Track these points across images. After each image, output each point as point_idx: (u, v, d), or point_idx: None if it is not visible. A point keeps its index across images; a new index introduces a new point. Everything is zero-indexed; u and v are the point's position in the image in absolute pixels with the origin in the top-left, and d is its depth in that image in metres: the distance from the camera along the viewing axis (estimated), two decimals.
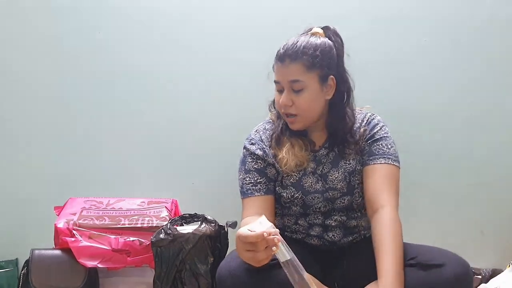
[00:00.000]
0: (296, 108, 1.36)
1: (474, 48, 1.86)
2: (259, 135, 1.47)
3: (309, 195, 1.42)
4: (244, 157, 1.46)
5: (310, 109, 1.37)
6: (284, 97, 1.36)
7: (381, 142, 1.40)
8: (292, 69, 1.34)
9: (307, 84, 1.34)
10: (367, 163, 1.39)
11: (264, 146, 1.44)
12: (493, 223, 1.93)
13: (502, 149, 1.90)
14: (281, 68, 1.36)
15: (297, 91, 1.35)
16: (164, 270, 1.41)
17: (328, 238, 1.44)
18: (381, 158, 1.37)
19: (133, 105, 1.88)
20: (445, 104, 1.88)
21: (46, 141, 1.89)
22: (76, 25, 1.85)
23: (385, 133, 1.42)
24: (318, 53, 1.34)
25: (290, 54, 1.35)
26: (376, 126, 1.43)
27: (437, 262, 1.21)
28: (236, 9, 1.84)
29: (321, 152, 1.44)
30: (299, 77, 1.34)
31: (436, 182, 1.91)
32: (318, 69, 1.35)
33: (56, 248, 1.52)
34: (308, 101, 1.36)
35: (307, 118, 1.39)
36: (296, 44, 1.35)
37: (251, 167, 1.43)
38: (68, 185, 1.87)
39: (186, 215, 1.52)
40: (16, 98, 1.87)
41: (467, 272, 1.22)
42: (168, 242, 1.41)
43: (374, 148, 1.39)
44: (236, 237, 1.14)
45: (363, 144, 1.42)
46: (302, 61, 1.34)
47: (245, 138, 1.49)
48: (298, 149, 1.40)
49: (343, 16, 1.81)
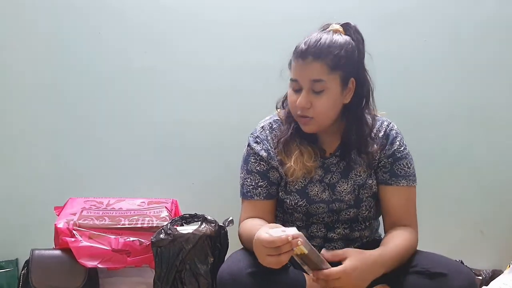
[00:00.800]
0: (313, 110, 1.27)
1: (474, 48, 1.86)
2: (265, 134, 1.39)
3: (313, 204, 1.37)
4: (247, 156, 1.40)
5: (328, 113, 1.29)
6: (303, 98, 1.26)
7: (402, 161, 1.36)
8: (314, 68, 1.25)
9: (329, 85, 1.26)
10: (388, 183, 1.36)
11: (269, 147, 1.37)
12: (493, 223, 1.93)
13: (502, 149, 1.90)
14: (302, 66, 1.26)
15: (318, 92, 1.26)
16: (164, 270, 1.41)
17: (329, 249, 1.41)
18: (404, 180, 1.36)
19: (133, 105, 1.88)
20: (445, 104, 1.88)
21: (46, 141, 1.89)
22: (76, 24, 1.85)
23: (405, 149, 1.38)
24: (343, 53, 1.25)
25: (313, 52, 1.24)
26: (395, 140, 1.37)
27: (441, 271, 1.20)
28: (236, 8, 1.84)
29: (331, 159, 1.38)
30: (322, 77, 1.25)
31: (436, 182, 1.91)
32: (340, 71, 1.26)
33: (56, 248, 1.52)
34: (327, 104, 1.27)
35: (322, 122, 1.30)
36: (319, 41, 1.25)
37: (254, 168, 1.37)
38: (68, 185, 1.87)
39: (186, 215, 1.52)
40: (16, 98, 1.87)
41: (473, 283, 1.21)
42: (168, 242, 1.41)
43: (396, 168, 1.36)
44: (257, 241, 1.11)
45: (382, 160, 1.37)
46: (325, 61, 1.24)
47: (250, 133, 1.42)
48: (307, 158, 1.33)
49: (343, 15, 1.80)
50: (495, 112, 1.89)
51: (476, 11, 1.84)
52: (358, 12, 1.82)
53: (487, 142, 1.90)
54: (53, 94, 1.87)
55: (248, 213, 1.37)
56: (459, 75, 1.87)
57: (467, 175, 1.91)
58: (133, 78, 1.87)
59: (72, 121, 1.88)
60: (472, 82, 1.88)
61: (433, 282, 1.19)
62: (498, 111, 1.89)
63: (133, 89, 1.88)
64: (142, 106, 1.89)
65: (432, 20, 1.85)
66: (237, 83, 1.87)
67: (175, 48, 1.86)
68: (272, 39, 1.84)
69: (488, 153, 1.90)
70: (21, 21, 1.84)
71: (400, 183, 1.36)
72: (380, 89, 1.83)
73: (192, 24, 1.85)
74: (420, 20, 1.85)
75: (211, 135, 1.88)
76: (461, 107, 1.88)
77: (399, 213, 1.36)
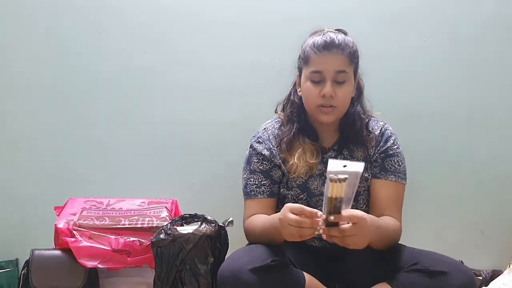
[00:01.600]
0: (337, 99, 1.36)
1: (474, 48, 1.86)
2: (267, 134, 1.47)
3: (314, 198, 1.43)
4: (250, 156, 1.46)
5: (347, 102, 1.39)
6: (329, 86, 1.34)
7: (393, 158, 1.43)
8: (340, 59, 1.35)
9: (349, 76, 1.37)
10: (377, 176, 1.43)
11: (272, 146, 1.44)
12: (493, 223, 1.93)
13: (502, 148, 1.90)
14: (328, 57, 1.35)
15: (341, 82, 1.36)
16: (164, 270, 1.41)
17: (329, 241, 1.43)
18: (392, 175, 1.42)
19: (133, 105, 1.88)
20: (445, 104, 1.88)
21: (46, 141, 1.88)
22: (76, 24, 1.85)
23: (397, 148, 1.45)
24: (355, 49, 1.38)
25: (337, 45, 1.35)
26: (390, 139, 1.45)
27: (441, 269, 1.21)
28: (236, 8, 1.84)
29: (329, 154, 1.45)
30: (345, 68, 1.36)
31: (436, 182, 1.91)
32: (354, 64, 1.39)
33: (56, 248, 1.51)
34: (347, 94, 1.38)
35: (341, 111, 1.40)
36: (338, 37, 1.36)
37: (256, 167, 1.43)
38: (68, 185, 1.87)
39: (187, 215, 1.52)
40: (16, 98, 1.87)
41: (472, 282, 1.23)
42: (168, 242, 1.41)
43: (387, 164, 1.43)
44: (286, 209, 1.14)
45: (375, 154, 1.44)
46: (347, 53, 1.35)
47: (252, 135, 1.49)
48: (309, 155, 1.40)
49: (343, 15, 1.81)
50: (495, 112, 1.89)
51: (476, 11, 1.84)
52: (358, 12, 1.82)
53: (487, 142, 1.90)
54: (53, 94, 1.87)
55: (252, 211, 1.42)
56: (459, 75, 1.87)
57: (467, 175, 1.91)
58: (133, 78, 1.87)
59: (72, 121, 1.88)
60: (472, 82, 1.87)
61: (433, 281, 1.21)
62: (498, 111, 1.89)
63: (133, 89, 1.88)
64: (142, 106, 1.88)
65: (432, 20, 1.85)
66: (237, 83, 1.87)
67: (175, 48, 1.86)
68: (272, 39, 1.84)
69: (488, 153, 1.90)
70: (21, 21, 1.84)
71: (388, 177, 1.42)
72: (380, 89, 1.84)
73: (192, 24, 1.85)
74: (420, 20, 1.85)
75: (211, 135, 1.88)
76: (461, 107, 1.88)
77: (385, 206, 1.40)
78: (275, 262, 1.20)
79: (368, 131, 1.44)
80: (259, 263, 1.19)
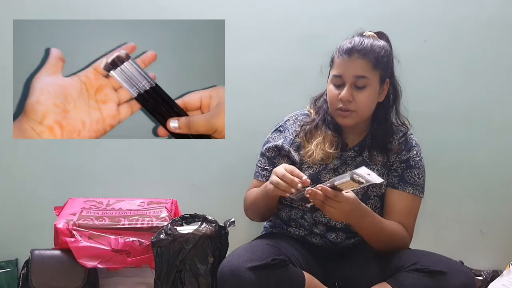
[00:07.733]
0: (355, 104, 1.37)
1: (474, 48, 1.86)
2: (289, 123, 1.51)
3: None
4: (267, 140, 1.53)
5: (367, 107, 1.40)
6: (347, 91, 1.36)
7: (414, 170, 1.43)
8: (359, 65, 1.36)
9: (370, 82, 1.37)
10: (395, 186, 1.43)
11: (290, 134, 1.48)
12: (493, 223, 1.93)
13: (502, 149, 1.90)
14: (348, 62, 1.37)
15: (360, 87, 1.36)
16: (164, 270, 1.41)
17: (330, 239, 1.44)
18: (410, 187, 1.42)
19: None
20: (445, 104, 1.88)
21: (46, 141, 1.88)
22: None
23: (420, 160, 1.45)
24: (383, 54, 1.38)
25: (359, 50, 1.36)
26: (413, 149, 1.45)
27: (441, 269, 1.21)
28: (237, 8, 1.84)
29: (349, 153, 1.45)
30: (365, 73, 1.36)
31: (436, 182, 1.90)
32: (380, 69, 1.38)
33: (56, 248, 1.51)
34: (368, 99, 1.38)
35: (361, 116, 1.40)
36: (363, 42, 1.37)
37: (265, 152, 1.51)
38: (68, 185, 1.87)
39: (187, 215, 1.52)
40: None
41: (472, 282, 1.23)
42: (168, 242, 1.41)
43: (406, 175, 1.42)
44: (282, 165, 1.30)
45: (396, 163, 1.44)
46: (369, 59, 1.36)
47: (278, 123, 1.54)
48: (328, 146, 1.42)
49: (343, 15, 1.81)
50: (495, 112, 1.89)
51: (476, 11, 1.84)
52: (358, 12, 1.82)
53: (487, 142, 1.90)
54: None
55: (252, 188, 1.52)
56: (459, 75, 1.87)
57: (467, 175, 1.91)
58: None
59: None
60: (472, 82, 1.87)
61: (433, 280, 1.21)
62: (498, 111, 1.89)
63: None
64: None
65: (432, 20, 1.85)
66: (238, 83, 1.86)
67: None
68: (272, 39, 1.84)
69: (488, 153, 1.90)
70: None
71: (406, 189, 1.42)
72: None
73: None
74: (420, 20, 1.85)
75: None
76: (461, 107, 1.88)
77: (399, 218, 1.40)
78: (275, 261, 1.20)
79: (398, 142, 1.45)
80: (259, 261, 1.20)
